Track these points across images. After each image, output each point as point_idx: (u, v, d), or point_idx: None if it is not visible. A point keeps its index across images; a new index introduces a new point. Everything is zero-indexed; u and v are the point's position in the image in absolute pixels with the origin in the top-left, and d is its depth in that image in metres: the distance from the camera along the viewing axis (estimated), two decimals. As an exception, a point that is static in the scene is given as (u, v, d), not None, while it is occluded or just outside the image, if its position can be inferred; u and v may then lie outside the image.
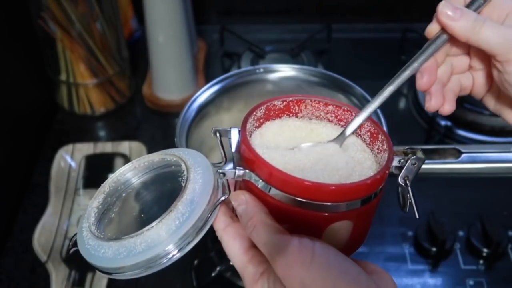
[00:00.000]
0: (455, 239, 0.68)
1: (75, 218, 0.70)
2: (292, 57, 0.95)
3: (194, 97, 0.65)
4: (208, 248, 0.66)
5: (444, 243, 0.66)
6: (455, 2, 0.42)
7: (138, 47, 0.98)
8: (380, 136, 0.42)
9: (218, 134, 0.41)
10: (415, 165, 0.41)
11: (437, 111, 0.45)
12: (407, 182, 0.41)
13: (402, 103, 0.90)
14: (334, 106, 0.44)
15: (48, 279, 0.65)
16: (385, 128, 0.60)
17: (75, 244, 0.40)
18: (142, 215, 0.41)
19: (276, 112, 0.44)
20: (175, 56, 0.83)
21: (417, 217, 0.41)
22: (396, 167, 0.41)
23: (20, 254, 0.68)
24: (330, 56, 0.99)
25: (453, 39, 0.43)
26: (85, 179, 0.75)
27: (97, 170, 0.76)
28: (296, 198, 0.37)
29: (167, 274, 0.66)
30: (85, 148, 0.78)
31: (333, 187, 0.36)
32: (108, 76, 0.84)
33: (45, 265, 0.66)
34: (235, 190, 0.40)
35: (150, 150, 0.78)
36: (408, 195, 0.41)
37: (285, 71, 0.67)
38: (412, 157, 0.41)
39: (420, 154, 0.41)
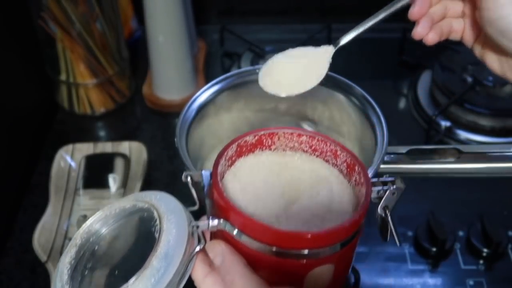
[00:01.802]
0: (455, 239, 0.68)
1: (75, 218, 0.70)
2: (292, 57, 0.95)
3: (194, 97, 0.65)
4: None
5: (444, 243, 0.66)
6: None
7: (138, 47, 0.98)
8: (356, 167, 0.40)
9: (188, 179, 0.39)
10: (395, 195, 0.40)
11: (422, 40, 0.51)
12: (387, 211, 0.40)
13: (402, 103, 0.90)
14: (308, 136, 0.42)
15: (48, 279, 0.65)
16: (385, 129, 0.60)
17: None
18: (116, 272, 0.39)
19: (249, 148, 0.42)
20: (175, 56, 0.83)
21: (398, 245, 0.41)
22: (375, 197, 0.40)
23: (20, 254, 0.68)
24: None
25: None
26: (85, 179, 0.75)
27: (97, 170, 0.76)
28: (272, 248, 0.35)
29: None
30: (85, 148, 0.78)
31: (309, 236, 0.35)
32: (108, 76, 0.84)
33: (45, 265, 0.66)
34: (211, 237, 0.39)
35: (150, 150, 0.78)
36: (388, 225, 0.40)
37: (285, 71, 0.67)
38: (392, 187, 0.40)
39: (399, 183, 0.40)
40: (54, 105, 0.88)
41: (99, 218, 0.41)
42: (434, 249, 0.66)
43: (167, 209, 0.38)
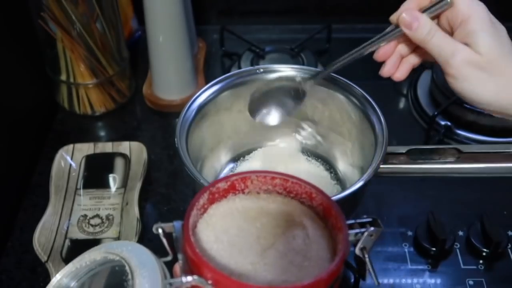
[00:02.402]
0: (455, 239, 0.68)
1: (75, 218, 0.70)
2: (292, 57, 0.95)
3: (194, 97, 0.65)
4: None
5: (444, 243, 0.66)
6: (419, 4, 0.52)
7: (138, 47, 0.98)
8: (333, 211, 0.39)
9: (160, 231, 0.38)
10: (372, 237, 0.40)
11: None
12: (365, 253, 0.40)
13: (402, 103, 0.90)
14: (281, 179, 0.42)
15: (48, 279, 0.65)
16: (385, 128, 0.60)
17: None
18: None
19: (221, 193, 0.41)
20: (175, 56, 0.83)
21: (377, 284, 0.41)
22: (352, 239, 0.40)
23: (20, 254, 0.68)
24: (330, 56, 0.99)
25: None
26: (85, 179, 0.75)
27: (97, 170, 0.76)
28: None
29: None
30: (85, 148, 0.78)
31: None
32: (108, 76, 0.84)
33: (45, 265, 0.66)
34: None
35: (150, 150, 0.78)
36: (366, 266, 0.40)
37: (285, 71, 0.67)
38: (370, 229, 0.39)
39: (377, 225, 0.40)
40: (54, 105, 0.88)
41: (68, 272, 0.40)
42: (434, 249, 0.66)
43: (139, 262, 0.37)
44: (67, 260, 0.66)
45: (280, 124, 0.62)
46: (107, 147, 0.79)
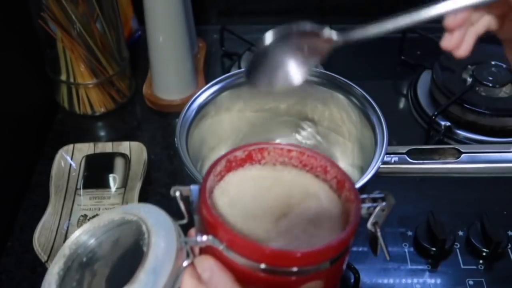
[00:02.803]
0: (455, 239, 0.68)
1: (75, 218, 0.70)
2: (292, 57, 0.94)
3: (194, 97, 0.65)
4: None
5: (444, 243, 0.66)
6: None
7: (138, 47, 0.98)
8: (346, 184, 0.40)
9: (177, 194, 0.39)
10: (385, 211, 0.40)
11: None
12: (377, 227, 0.40)
13: (402, 103, 0.90)
14: (298, 152, 0.42)
15: (48, 279, 0.65)
16: (385, 129, 0.60)
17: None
18: (104, 285, 0.39)
19: (238, 162, 0.42)
20: (175, 56, 0.83)
21: (388, 259, 0.41)
22: (365, 213, 0.40)
23: (20, 254, 0.68)
24: (330, 56, 0.99)
25: None
26: (85, 179, 0.75)
27: (97, 170, 0.76)
28: (261, 265, 0.35)
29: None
30: (85, 148, 0.78)
31: (299, 254, 0.35)
32: (108, 76, 0.84)
33: (45, 265, 0.66)
34: (199, 252, 0.39)
35: (150, 150, 0.78)
36: (378, 241, 0.40)
37: (285, 71, 0.67)
38: (382, 204, 0.40)
39: (390, 199, 0.40)
40: (55, 105, 0.88)
41: (87, 230, 0.41)
42: (434, 249, 0.66)
43: (156, 222, 0.38)
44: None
45: (280, 124, 0.62)
46: (107, 147, 0.79)
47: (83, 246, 0.41)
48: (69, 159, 0.77)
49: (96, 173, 0.76)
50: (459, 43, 0.43)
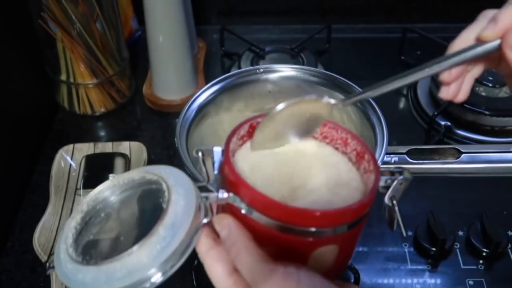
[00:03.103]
0: (455, 239, 0.68)
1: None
2: (292, 57, 0.95)
3: (194, 97, 0.65)
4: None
5: (444, 243, 0.66)
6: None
7: (138, 47, 0.98)
8: (366, 155, 0.41)
9: (200, 154, 0.40)
10: (402, 185, 0.40)
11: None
12: (394, 201, 0.40)
13: (402, 103, 0.90)
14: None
15: (48, 279, 0.65)
16: (385, 129, 0.60)
17: (53, 265, 0.39)
18: (122, 238, 0.39)
19: None
20: (175, 56, 0.83)
21: (404, 235, 0.41)
22: (382, 186, 0.40)
23: (20, 254, 0.68)
24: (330, 56, 0.99)
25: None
26: (85, 179, 0.75)
27: (97, 170, 0.76)
28: (280, 224, 0.36)
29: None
30: (85, 148, 0.78)
31: (318, 213, 0.35)
32: (108, 76, 0.84)
33: (45, 265, 0.66)
34: (217, 212, 0.39)
35: (150, 150, 0.78)
36: (395, 215, 0.41)
37: (285, 71, 0.67)
38: (399, 177, 0.40)
39: (407, 174, 0.40)
40: (55, 105, 0.88)
41: (107, 187, 0.41)
42: (434, 249, 0.66)
43: (176, 182, 0.39)
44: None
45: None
46: (107, 147, 0.79)
47: (102, 202, 0.41)
48: (69, 159, 0.77)
49: (96, 173, 0.76)
50: (456, 93, 0.45)
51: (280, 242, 0.36)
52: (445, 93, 0.46)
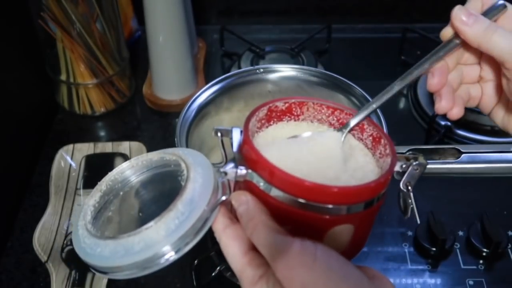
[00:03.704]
0: (455, 239, 0.68)
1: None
2: (292, 57, 0.95)
3: (194, 97, 0.65)
4: (208, 248, 0.66)
5: (444, 243, 0.66)
6: (471, 8, 0.43)
7: (138, 47, 0.98)
8: (382, 140, 0.41)
9: (219, 134, 0.41)
10: (417, 171, 0.41)
11: (445, 114, 0.46)
12: (409, 187, 0.41)
13: (402, 103, 0.90)
14: (338, 110, 0.44)
15: (48, 279, 0.65)
16: (385, 129, 0.60)
17: (70, 242, 0.40)
18: (140, 214, 0.40)
19: (278, 114, 0.43)
20: (175, 56, 0.83)
21: (418, 222, 0.41)
22: (397, 172, 0.41)
23: (20, 254, 0.68)
24: (330, 56, 0.99)
25: (465, 46, 0.44)
26: (85, 179, 0.75)
27: (97, 170, 0.76)
28: (298, 200, 0.36)
29: (167, 274, 0.66)
30: (85, 148, 0.78)
31: (336, 189, 0.36)
32: (108, 76, 0.84)
33: (45, 265, 0.66)
34: (235, 190, 0.40)
35: (150, 150, 0.78)
36: (410, 201, 0.41)
37: (285, 71, 0.67)
38: (414, 163, 0.41)
39: (422, 159, 0.41)
40: (55, 105, 0.88)
41: (126, 168, 0.42)
42: (434, 249, 0.66)
43: (195, 161, 0.39)
44: (67, 260, 0.66)
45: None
46: (107, 147, 0.79)
47: (121, 182, 0.42)
48: (69, 159, 0.77)
49: (96, 173, 0.76)
50: (449, 108, 0.46)
51: (297, 219, 0.37)
52: (438, 108, 0.46)
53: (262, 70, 0.67)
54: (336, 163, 0.41)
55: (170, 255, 0.36)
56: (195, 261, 0.65)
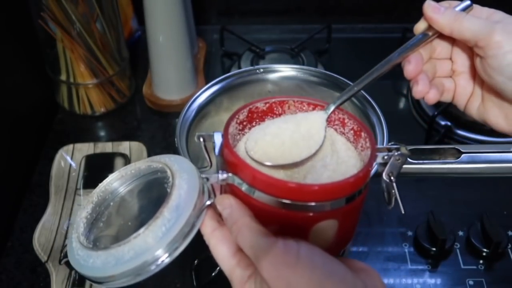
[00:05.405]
0: (455, 239, 0.68)
1: (75, 218, 0.70)
2: (292, 57, 0.95)
3: (194, 97, 0.65)
4: (208, 248, 0.66)
5: (444, 243, 0.66)
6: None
7: (138, 47, 0.98)
8: (363, 133, 0.42)
9: (201, 139, 0.42)
10: (399, 161, 0.42)
11: (423, 98, 0.48)
12: (392, 178, 0.42)
13: (402, 103, 0.90)
14: (318, 106, 0.44)
15: (48, 279, 0.65)
16: (385, 129, 0.60)
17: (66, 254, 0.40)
18: (130, 223, 0.41)
19: (260, 114, 0.44)
20: (175, 56, 0.83)
21: (403, 212, 0.42)
22: (380, 164, 0.42)
23: (20, 254, 0.68)
24: (330, 56, 0.99)
25: (437, 40, 0.48)
26: (85, 179, 0.75)
27: (97, 170, 0.76)
28: (280, 200, 0.37)
29: (167, 274, 0.66)
30: (85, 148, 0.78)
31: (316, 187, 0.36)
32: (108, 76, 0.84)
33: (45, 265, 0.66)
34: (220, 194, 0.41)
35: (150, 150, 0.78)
36: (393, 191, 0.42)
37: (285, 71, 0.67)
38: (396, 153, 0.41)
39: (404, 150, 0.41)
40: (55, 105, 0.88)
41: (115, 178, 0.43)
42: (434, 249, 0.66)
43: (180, 167, 0.40)
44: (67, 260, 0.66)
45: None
46: (107, 147, 0.79)
47: (111, 193, 0.43)
48: (69, 159, 0.77)
49: (96, 173, 0.76)
50: (425, 91, 0.48)
51: (281, 219, 0.38)
52: (414, 92, 0.48)
53: (262, 70, 0.67)
54: (316, 141, 0.42)
55: (161, 261, 0.37)
56: (195, 261, 0.65)
